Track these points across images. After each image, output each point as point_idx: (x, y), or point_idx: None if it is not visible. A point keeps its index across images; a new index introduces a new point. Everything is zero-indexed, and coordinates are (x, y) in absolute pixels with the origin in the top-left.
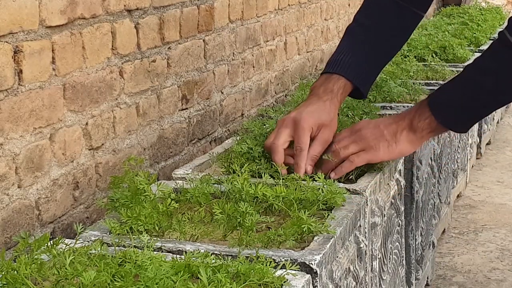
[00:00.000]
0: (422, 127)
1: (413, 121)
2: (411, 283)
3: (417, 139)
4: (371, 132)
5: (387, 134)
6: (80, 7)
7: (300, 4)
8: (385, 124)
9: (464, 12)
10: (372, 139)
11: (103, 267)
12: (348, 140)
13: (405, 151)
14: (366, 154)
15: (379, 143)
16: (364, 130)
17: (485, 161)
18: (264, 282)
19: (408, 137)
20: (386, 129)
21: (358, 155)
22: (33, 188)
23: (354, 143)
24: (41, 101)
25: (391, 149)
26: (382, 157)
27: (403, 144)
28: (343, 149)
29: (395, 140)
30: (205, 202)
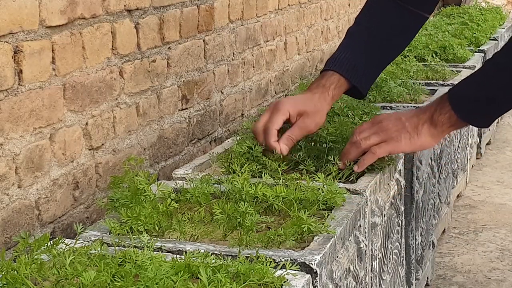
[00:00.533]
0: (442, 122)
1: (433, 115)
2: (411, 283)
3: (438, 133)
4: (393, 124)
5: (408, 126)
6: (80, 7)
7: (300, 4)
8: (407, 116)
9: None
10: (394, 130)
11: (103, 267)
12: (369, 131)
13: (426, 144)
14: (387, 145)
15: (401, 134)
16: (386, 121)
17: (485, 161)
18: (264, 282)
19: (430, 130)
20: (407, 122)
21: (379, 146)
22: (33, 188)
23: (375, 134)
24: (41, 101)
25: (413, 141)
26: (404, 148)
27: (425, 137)
28: (364, 140)
29: (416, 132)
30: (205, 202)
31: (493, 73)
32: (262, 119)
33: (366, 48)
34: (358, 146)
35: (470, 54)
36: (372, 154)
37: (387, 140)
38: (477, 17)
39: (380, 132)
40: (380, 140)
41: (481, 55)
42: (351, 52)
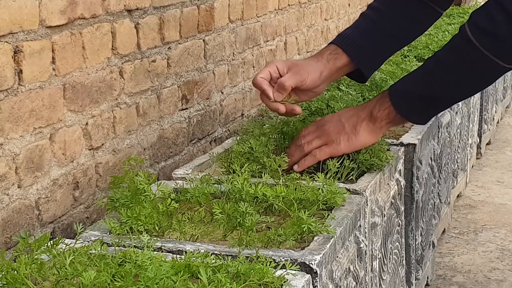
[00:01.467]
0: (381, 117)
1: (372, 111)
2: (411, 283)
3: (376, 128)
4: (333, 126)
5: (347, 127)
6: (80, 7)
7: (300, 4)
8: (346, 117)
9: (464, 12)
10: (334, 133)
11: (103, 267)
12: (312, 135)
13: (365, 141)
14: (328, 148)
15: (340, 136)
16: (327, 124)
17: (485, 161)
18: (264, 282)
19: (368, 127)
20: (346, 122)
21: (320, 149)
22: (33, 188)
23: (317, 138)
24: (41, 101)
25: (351, 141)
26: (343, 150)
27: (363, 136)
28: (307, 144)
29: (355, 132)
30: (205, 202)
31: (433, 71)
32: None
33: (374, 32)
34: (301, 149)
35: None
36: (313, 156)
37: (328, 143)
38: None
39: (322, 135)
40: (322, 143)
41: None
42: (358, 32)
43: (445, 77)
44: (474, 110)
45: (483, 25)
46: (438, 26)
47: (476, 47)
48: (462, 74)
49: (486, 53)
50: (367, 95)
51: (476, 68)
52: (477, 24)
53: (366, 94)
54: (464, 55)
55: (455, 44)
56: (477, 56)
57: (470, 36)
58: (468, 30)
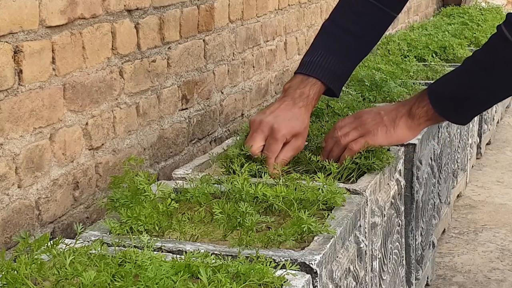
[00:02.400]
0: (419, 114)
1: (412, 108)
2: (411, 283)
3: (415, 125)
4: (372, 118)
5: (386, 119)
6: (80, 7)
7: (300, 4)
8: (386, 110)
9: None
10: (371, 124)
11: (103, 267)
12: (349, 127)
13: (403, 137)
14: (364, 139)
15: (378, 128)
16: (365, 116)
17: (485, 161)
18: (264, 282)
19: (407, 123)
20: (386, 115)
21: (356, 141)
22: (33, 188)
23: (354, 129)
24: (41, 101)
25: (389, 134)
26: (380, 141)
27: (401, 130)
28: (344, 136)
29: (393, 125)
30: (205, 202)
31: (472, 71)
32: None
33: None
34: (338, 143)
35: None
36: (350, 150)
37: (365, 134)
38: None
39: (359, 127)
40: (359, 135)
41: None
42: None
43: (482, 77)
44: None
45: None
46: (438, 26)
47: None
48: (500, 73)
49: None
50: (367, 95)
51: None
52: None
53: (366, 94)
54: (501, 54)
55: (492, 43)
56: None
57: (507, 35)
58: (505, 29)
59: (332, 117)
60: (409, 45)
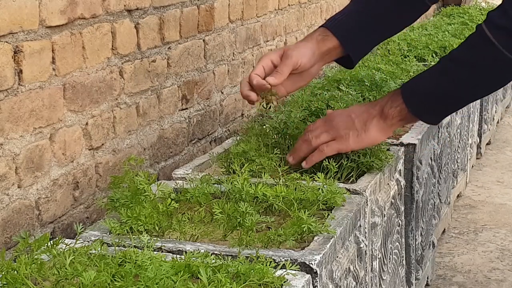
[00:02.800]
0: (392, 115)
1: (384, 108)
2: (411, 283)
3: (387, 126)
4: (343, 121)
5: (357, 123)
6: (80, 7)
7: (300, 4)
8: (357, 113)
9: (464, 12)
10: (342, 128)
11: (103, 267)
12: (320, 129)
13: (374, 139)
14: (336, 143)
15: (349, 132)
16: (336, 119)
17: (485, 161)
18: (264, 282)
19: (379, 124)
20: (357, 118)
21: (328, 145)
22: (33, 188)
23: (325, 132)
24: (41, 101)
25: (360, 138)
26: (352, 146)
27: (373, 133)
28: (315, 138)
29: (364, 129)
30: (205, 202)
31: (448, 69)
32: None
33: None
34: (308, 144)
35: None
36: (320, 152)
37: (336, 138)
38: (477, 17)
39: (330, 130)
40: (330, 138)
41: None
42: (348, 16)
43: (461, 75)
44: (474, 110)
45: (502, 23)
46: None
47: (494, 45)
48: (479, 72)
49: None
50: (367, 95)
51: (494, 66)
52: (495, 23)
53: (366, 94)
54: (482, 53)
55: (472, 42)
56: (495, 54)
57: (488, 34)
58: (486, 28)
59: None
60: (409, 45)
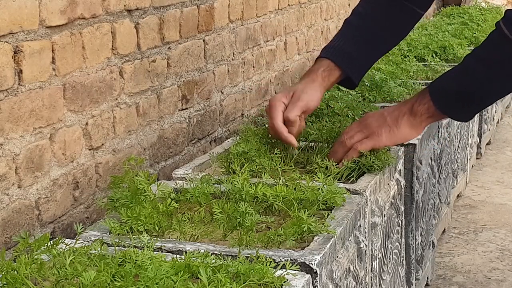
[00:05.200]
0: (421, 112)
1: (413, 105)
2: (411, 283)
3: (417, 123)
4: (375, 120)
5: (389, 120)
6: (80, 7)
7: (300, 4)
8: (389, 111)
9: (464, 12)
10: (375, 126)
11: (103, 267)
12: (354, 131)
13: (407, 135)
14: (369, 140)
15: (382, 129)
16: (369, 118)
17: (485, 161)
18: (264, 282)
19: (409, 121)
20: (389, 116)
21: (361, 142)
22: (33, 188)
23: (359, 132)
24: (41, 101)
25: (393, 133)
26: (385, 142)
27: (404, 129)
28: (349, 138)
29: (396, 125)
30: (205, 202)
31: (473, 66)
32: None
33: (360, 38)
34: (344, 145)
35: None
36: (355, 150)
37: (369, 135)
38: (477, 17)
39: (364, 129)
40: (364, 136)
41: None
42: (344, 40)
43: (482, 73)
44: None
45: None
46: (438, 26)
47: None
48: (499, 69)
49: None
50: (367, 95)
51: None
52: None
53: (366, 94)
54: (500, 50)
55: (491, 40)
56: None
57: (506, 32)
58: (504, 26)
59: (332, 117)
60: (409, 45)
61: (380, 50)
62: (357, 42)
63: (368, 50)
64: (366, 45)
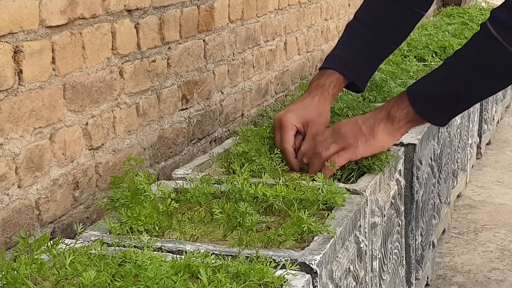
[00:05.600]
0: (399, 117)
1: (390, 111)
2: (411, 283)
3: (395, 129)
4: (350, 129)
5: (364, 129)
6: (80, 7)
7: (300, 4)
8: (363, 119)
9: (464, 12)
10: (350, 136)
11: (103, 267)
12: (329, 141)
13: (384, 143)
14: (346, 152)
15: (358, 139)
16: (343, 128)
17: (485, 161)
18: (264, 282)
19: (386, 128)
20: (363, 125)
21: (338, 155)
22: (33, 188)
23: (334, 143)
24: (41, 101)
25: (369, 144)
26: (362, 153)
27: (382, 137)
28: (324, 150)
29: (372, 134)
30: (205, 202)
31: (453, 68)
32: (276, 139)
33: (364, 44)
34: (319, 157)
35: None
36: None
37: (346, 147)
38: (477, 17)
39: (339, 140)
40: (340, 148)
41: None
42: (350, 50)
43: (466, 75)
44: (474, 110)
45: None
46: (438, 26)
47: (499, 42)
48: (484, 71)
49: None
50: (367, 95)
51: (500, 64)
52: (500, 20)
53: (366, 94)
54: (487, 51)
55: (477, 41)
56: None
57: (493, 32)
58: (491, 26)
59: (332, 117)
60: (409, 45)
61: (385, 55)
62: (363, 51)
63: (374, 57)
64: (372, 52)
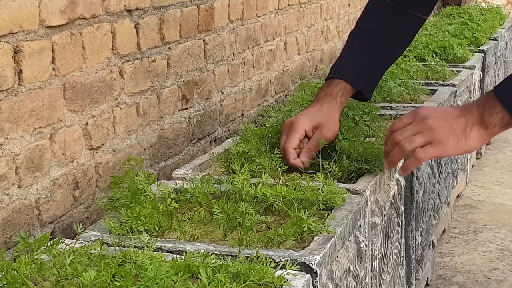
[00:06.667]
0: (494, 123)
1: (483, 116)
2: (411, 283)
3: (487, 135)
4: (440, 124)
5: (456, 128)
6: (80, 7)
7: (300, 4)
8: (454, 116)
9: (464, 12)
10: (441, 132)
11: (103, 267)
12: (412, 130)
13: (474, 148)
14: (433, 149)
15: (449, 137)
16: (431, 120)
17: (485, 161)
18: (264, 282)
19: (479, 133)
20: (455, 123)
21: (425, 150)
22: (33, 188)
23: (420, 134)
24: (41, 101)
25: (460, 145)
26: (450, 152)
27: (473, 141)
28: (408, 142)
29: (465, 136)
30: (205, 202)
31: None
32: (281, 141)
33: (369, 53)
34: (402, 149)
35: (470, 54)
36: (417, 159)
37: (433, 142)
38: (477, 17)
39: (426, 132)
40: (426, 141)
41: (481, 55)
42: (355, 59)
43: None
44: None
45: None
46: (438, 26)
47: None
48: None
49: None
50: None
51: None
52: None
53: None
54: None
55: None
56: None
57: None
58: None
59: None
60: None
61: (390, 62)
62: (368, 60)
63: (379, 65)
64: (376, 60)
